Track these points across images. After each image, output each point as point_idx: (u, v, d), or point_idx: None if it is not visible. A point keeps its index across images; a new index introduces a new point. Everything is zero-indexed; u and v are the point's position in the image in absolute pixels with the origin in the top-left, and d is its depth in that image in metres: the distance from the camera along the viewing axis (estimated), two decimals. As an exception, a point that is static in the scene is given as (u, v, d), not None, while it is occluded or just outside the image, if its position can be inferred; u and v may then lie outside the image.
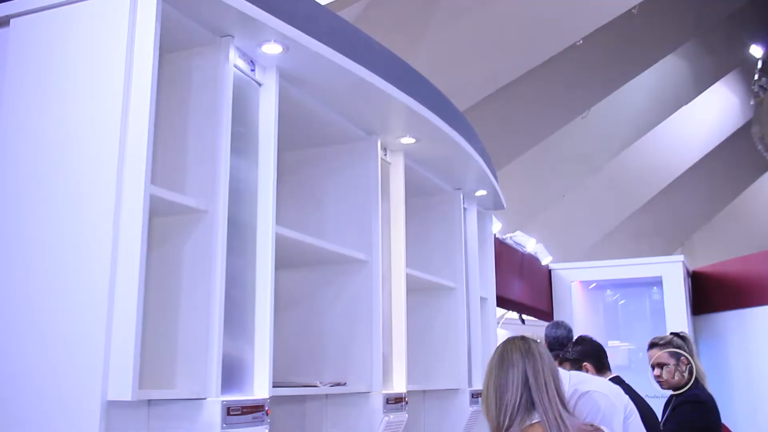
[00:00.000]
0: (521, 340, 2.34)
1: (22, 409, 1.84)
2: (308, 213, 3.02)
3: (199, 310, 2.03)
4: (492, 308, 4.41)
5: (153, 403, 2.01)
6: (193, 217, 2.09)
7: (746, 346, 7.61)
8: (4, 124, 2.05)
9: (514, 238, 6.77)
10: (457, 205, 3.91)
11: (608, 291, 8.16)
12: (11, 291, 1.93)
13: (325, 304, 2.94)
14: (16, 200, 1.98)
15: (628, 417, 2.88)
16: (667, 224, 13.34)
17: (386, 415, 2.81)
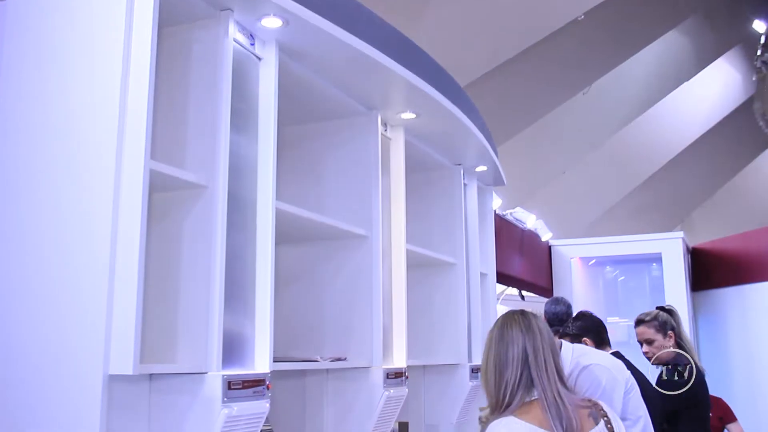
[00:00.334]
0: (521, 315, 2.33)
1: (23, 384, 1.85)
2: (308, 188, 3.02)
3: (200, 285, 2.04)
4: (492, 284, 4.42)
5: (154, 378, 2.02)
6: (193, 192, 2.08)
7: (745, 322, 7.63)
8: (2, 101, 2.04)
9: (514, 215, 6.77)
10: (458, 180, 3.90)
11: (608, 267, 8.18)
12: (12, 267, 1.93)
13: (326, 279, 2.95)
14: (15, 177, 1.98)
15: (629, 391, 2.90)
16: (668, 201, 13.34)
17: (386, 390, 2.82)
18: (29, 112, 2.00)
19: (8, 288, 1.92)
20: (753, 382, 7.36)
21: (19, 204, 1.96)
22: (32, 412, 1.82)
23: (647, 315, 3.93)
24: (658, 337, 3.83)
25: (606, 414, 2.30)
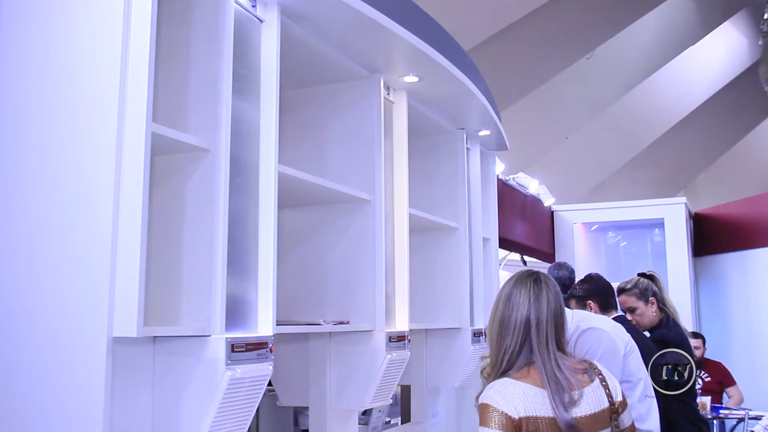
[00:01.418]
0: (534, 282, 2.33)
1: (27, 346, 1.86)
2: (310, 152, 3.00)
3: (203, 248, 2.04)
4: (494, 248, 4.42)
5: (158, 340, 2.03)
6: (195, 155, 2.08)
7: (746, 287, 7.66)
8: (3, 64, 2.03)
9: (516, 180, 6.76)
10: (460, 145, 3.89)
11: (610, 233, 8.19)
12: (14, 230, 1.93)
13: (328, 243, 2.95)
14: (17, 140, 1.97)
15: (628, 354, 2.92)
16: (671, 166, 13.30)
17: (389, 353, 2.84)
18: (30, 75, 1.99)
19: (11, 252, 1.92)
20: (753, 347, 7.42)
21: (21, 168, 1.95)
22: (37, 375, 1.83)
23: (628, 283, 3.96)
24: (640, 304, 3.87)
25: (601, 372, 2.32)
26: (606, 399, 2.26)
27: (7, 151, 1.98)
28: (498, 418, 2.14)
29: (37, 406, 1.82)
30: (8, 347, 1.88)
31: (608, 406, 2.26)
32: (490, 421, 2.15)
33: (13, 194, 1.95)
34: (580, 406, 2.19)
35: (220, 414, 1.97)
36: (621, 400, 2.31)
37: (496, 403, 2.16)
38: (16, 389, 1.86)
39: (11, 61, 2.02)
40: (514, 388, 2.18)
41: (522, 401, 2.15)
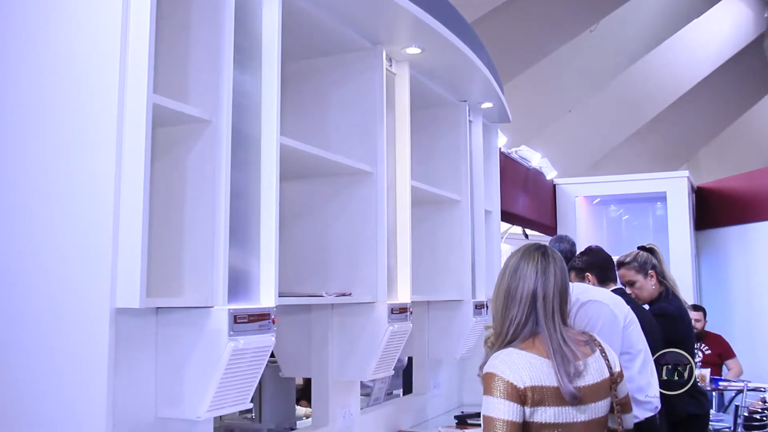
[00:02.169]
0: (541, 255, 2.33)
1: (30, 317, 1.87)
2: (312, 124, 2.99)
3: (204, 220, 2.04)
4: (496, 221, 4.42)
5: (161, 312, 2.04)
6: (196, 127, 2.07)
7: (747, 260, 7.67)
8: (3, 34, 2.02)
9: (519, 153, 6.74)
10: (463, 117, 3.88)
11: (612, 206, 8.18)
12: (16, 203, 1.93)
13: (331, 215, 2.95)
14: (18, 113, 1.96)
15: (628, 326, 2.93)
16: (673, 140, 13.26)
17: (391, 325, 2.85)
18: (31, 47, 1.98)
19: (13, 224, 1.93)
20: (753, 320, 7.44)
21: (22, 141, 1.95)
22: (40, 346, 1.84)
23: (627, 256, 3.96)
24: (639, 277, 3.87)
25: (600, 344, 2.34)
26: (606, 369, 2.28)
27: (7, 124, 1.97)
28: (503, 387, 2.15)
29: (41, 378, 1.83)
30: (11, 319, 1.89)
31: (608, 377, 2.28)
32: (495, 389, 2.16)
33: (14, 167, 1.95)
34: (584, 377, 2.21)
35: (222, 385, 1.99)
36: (619, 371, 2.34)
37: (501, 372, 2.17)
38: (20, 361, 1.87)
39: (12, 32, 2.01)
40: (520, 357, 2.19)
41: (528, 371, 2.16)
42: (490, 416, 2.17)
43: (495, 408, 2.16)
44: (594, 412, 2.22)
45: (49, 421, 1.80)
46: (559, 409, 2.16)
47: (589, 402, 2.21)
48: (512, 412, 2.14)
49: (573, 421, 2.18)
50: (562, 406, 2.16)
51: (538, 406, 2.15)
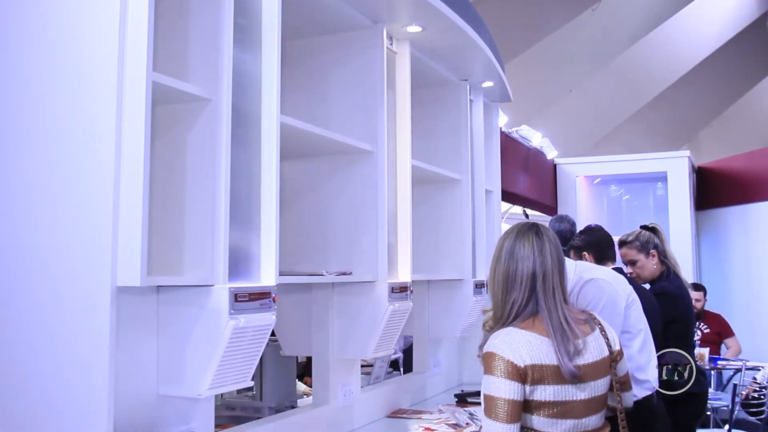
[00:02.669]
0: (535, 235, 2.33)
1: (31, 296, 1.87)
2: (313, 103, 2.98)
3: (205, 198, 2.04)
4: (497, 200, 4.42)
5: (162, 290, 2.05)
6: (196, 105, 2.06)
7: (747, 240, 7.68)
8: (3, 10, 2.00)
9: (519, 132, 6.73)
10: (464, 96, 3.86)
11: (613, 186, 8.18)
12: (16, 182, 1.93)
13: (331, 194, 2.95)
14: (17, 90, 1.95)
15: (630, 305, 2.94)
16: (675, 120, 13.23)
17: (391, 304, 2.86)
18: (30, 25, 1.96)
19: (13, 203, 1.92)
20: (752, 300, 7.46)
21: (22, 119, 1.94)
22: (41, 325, 1.84)
23: (629, 235, 3.96)
24: (641, 257, 3.87)
25: (600, 323, 2.35)
26: (606, 348, 2.29)
27: (7, 103, 1.96)
28: (504, 366, 2.16)
29: (43, 357, 1.84)
30: (11, 299, 1.89)
31: (608, 355, 2.29)
32: (495, 369, 2.17)
33: (14, 147, 1.94)
34: (583, 355, 2.22)
35: (223, 363, 1.99)
36: (618, 349, 2.34)
37: (501, 351, 2.18)
38: (21, 340, 1.87)
39: (11, 9, 2.00)
40: (520, 336, 2.20)
41: (528, 350, 2.17)
42: (490, 395, 2.18)
43: (495, 387, 2.17)
44: (593, 390, 2.23)
45: (50, 399, 1.81)
46: (559, 387, 2.17)
47: (589, 380, 2.22)
48: (513, 391, 2.15)
49: (572, 399, 2.19)
50: (562, 385, 2.17)
51: (538, 385, 2.16)
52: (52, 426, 1.80)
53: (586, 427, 2.22)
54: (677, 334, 3.82)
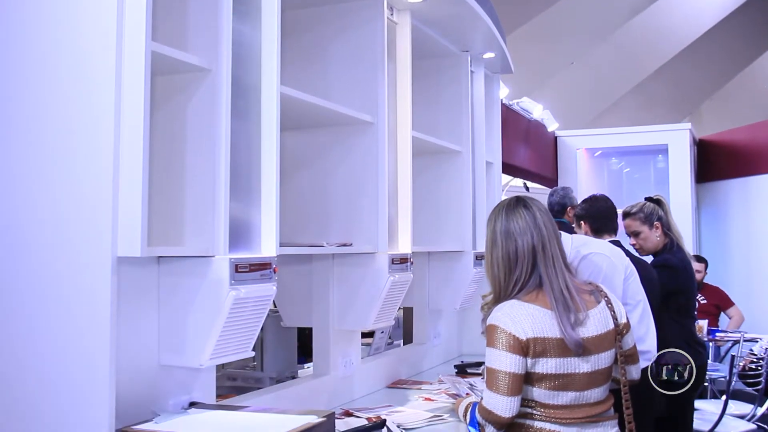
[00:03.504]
0: (524, 209, 2.33)
1: (32, 267, 1.87)
2: (313, 74, 2.97)
3: (205, 169, 2.03)
4: (497, 172, 4.42)
5: (162, 261, 2.05)
6: (196, 75, 2.05)
7: (748, 213, 7.68)
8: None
9: (520, 104, 6.70)
10: (465, 67, 3.84)
11: (613, 159, 8.16)
12: (15, 153, 1.92)
13: (331, 165, 2.94)
14: (15, 61, 1.94)
15: (628, 278, 2.95)
16: (676, 93, 13.16)
17: (391, 275, 2.86)
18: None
19: (12, 175, 1.92)
20: (752, 272, 7.48)
21: (21, 90, 1.93)
22: (42, 296, 1.85)
23: (633, 207, 3.97)
24: (644, 228, 3.89)
25: (606, 295, 2.35)
26: (611, 321, 2.30)
27: (5, 75, 1.95)
28: (506, 339, 2.17)
29: (44, 328, 1.84)
30: (11, 270, 1.89)
31: (613, 328, 2.30)
32: (497, 341, 2.19)
33: (13, 119, 1.93)
34: (587, 327, 2.23)
35: (224, 333, 2.00)
36: (625, 322, 2.35)
37: (504, 324, 2.19)
38: (22, 311, 1.87)
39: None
40: (522, 309, 2.21)
41: (530, 323, 2.18)
42: (493, 368, 2.20)
43: (498, 360, 2.18)
44: (597, 363, 2.24)
45: (52, 369, 1.82)
46: (561, 360, 2.18)
47: (593, 353, 2.23)
48: (514, 364, 2.16)
49: (575, 371, 2.20)
50: (564, 357, 2.19)
51: (540, 358, 2.17)
52: (53, 396, 1.81)
53: (588, 400, 2.24)
54: (678, 306, 3.84)
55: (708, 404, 5.03)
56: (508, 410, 2.17)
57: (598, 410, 2.26)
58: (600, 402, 2.28)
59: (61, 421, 1.80)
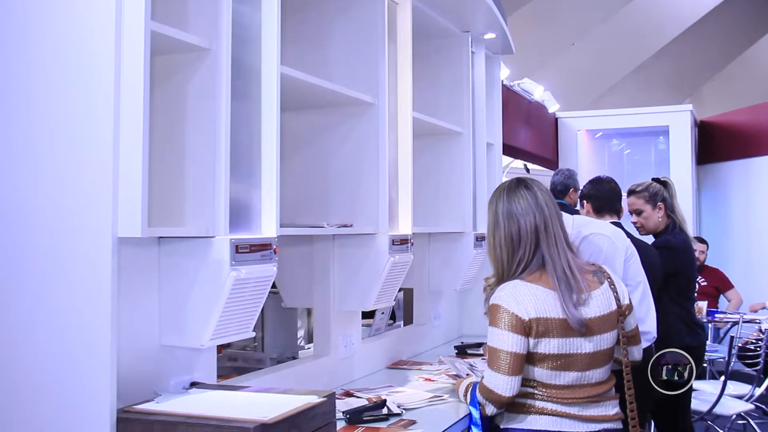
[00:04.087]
0: (526, 189, 2.33)
1: (31, 248, 1.87)
2: (313, 54, 2.95)
3: (205, 150, 2.03)
4: (498, 154, 4.41)
5: (163, 242, 2.05)
6: (195, 55, 2.04)
7: (748, 194, 7.68)
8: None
9: (521, 85, 6.68)
10: (465, 48, 3.83)
11: (614, 140, 8.16)
12: (16, 133, 1.91)
13: (332, 146, 2.94)
14: (14, 41, 1.93)
15: (629, 258, 2.95)
16: (677, 74, 13.11)
17: (392, 256, 2.87)
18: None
19: (12, 154, 1.91)
20: (752, 254, 7.50)
21: (20, 69, 1.92)
22: (43, 276, 1.85)
23: (639, 186, 3.98)
24: (647, 207, 3.90)
25: (609, 276, 2.36)
26: (614, 302, 2.30)
27: (5, 54, 1.94)
28: (508, 319, 2.18)
29: (45, 309, 1.84)
30: (12, 250, 1.89)
31: (616, 309, 2.30)
32: (500, 321, 2.20)
33: (13, 96, 1.92)
34: (590, 307, 2.23)
35: (225, 313, 2.00)
36: (628, 303, 2.36)
37: (507, 304, 2.20)
38: (22, 292, 1.87)
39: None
40: (526, 289, 2.21)
41: (533, 303, 2.19)
42: (494, 347, 2.21)
43: (500, 339, 2.19)
44: (599, 343, 2.24)
45: (53, 351, 1.82)
46: (564, 340, 2.19)
47: (595, 333, 2.23)
48: (516, 344, 2.17)
49: (577, 352, 2.21)
50: (567, 338, 2.19)
51: (542, 338, 2.18)
52: (55, 378, 1.82)
53: (589, 380, 2.25)
54: (678, 287, 3.85)
55: (707, 385, 5.05)
56: (509, 389, 2.19)
57: (599, 390, 2.27)
58: (602, 382, 2.29)
59: (63, 402, 1.81)
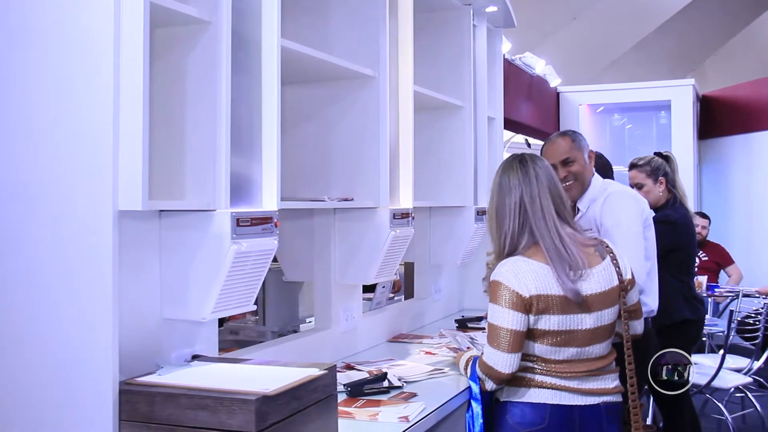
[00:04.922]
0: (519, 163, 2.35)
1: (33, 220, 1.87)
2: (314, 27, 2.93)
3: (205, 123, 2.02)
4: (499, 127, 4.40)
5: (164, 215, 2.05)
6: (195, 27, 2.03)
7: (750, 169, 7.67)
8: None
9: (523, 60, 6.64)
10: (467, 21, 3.80)
11: (616, 115, 8.13)
12: (15, 107, 1.91)
13: (333, 120, 2.93)
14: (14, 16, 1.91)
15: (647, 228, 2.98)
16: (680, 49, 13.03)
17: (393, 230, 2.87)
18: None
19: (13, 129, 1.90)
20: (753, 229, 7.50)
21: (20, 43, 1.91)
22: (43, 249, 1.85)
23: (641, 159, 3.99)
24: (648, 181, 3.91)
25: (612, 251, 2.36)
26: (616, 277, 2.30)
27: (5, 31, 1.93)
28: (509, 295, 2.19)
29: (46, 281, 1.85)
30: (11, 222, 1.89)
31: (618, 284, 2.30)
32: (500, 298, 2.20)
33: (13, 72, 1.91)
34: (590, 283, 2.23)
35: (226, 287, 2.01)
36: (630, 278, 2.36)
37: (507, 281, 2.20)
38: (23, 264, 1.88)
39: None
40: (527, 266, 2.21)
41: (534, 279, 2.19)
42: (495, 324, 2.21)
43: (500, 317, 2.20)
44: (600, 319, 2.25)
45: (55, 324, 1.83)
46: (564, 317, 2.20)
47: (596, 309, 2.24)
48: (516, 321, 2.18)
49: (577, 328, 2.21)
50: (567, 314, 2.20)
51: (543, 314, 2.19)
52: (57, 350, 1.83)
53: (589, 355, 2.26)
54: (678, 262, 3.86)
55: (706, 358, 5.08)
56: (509, 366, 2.20)
57: (599, 365, 2.28)
58: (602, 357, 2.30)
59: (66, 375, 1.81)
